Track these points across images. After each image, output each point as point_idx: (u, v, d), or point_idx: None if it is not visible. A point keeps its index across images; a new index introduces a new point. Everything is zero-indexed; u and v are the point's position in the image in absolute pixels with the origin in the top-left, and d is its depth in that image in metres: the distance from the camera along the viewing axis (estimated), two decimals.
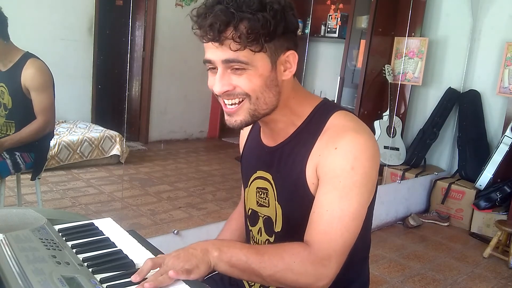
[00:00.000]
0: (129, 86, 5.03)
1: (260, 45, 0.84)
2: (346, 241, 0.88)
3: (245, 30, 0.82)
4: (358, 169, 0.87)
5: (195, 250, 0.81)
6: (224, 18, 0.81)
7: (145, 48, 5.00)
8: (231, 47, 0.83)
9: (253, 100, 0.89)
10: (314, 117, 0.97)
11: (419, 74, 3.96)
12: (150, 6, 4.92)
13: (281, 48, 0.89)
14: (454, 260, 2.92)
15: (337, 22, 4.51)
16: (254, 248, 0.86)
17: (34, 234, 0.86)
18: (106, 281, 0.78)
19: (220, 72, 0.87)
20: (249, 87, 0.88)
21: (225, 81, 0.87)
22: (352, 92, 4.33)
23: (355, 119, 0.95)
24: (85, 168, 3.85)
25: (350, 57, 4.34)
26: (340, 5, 4.64)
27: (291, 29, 0.89)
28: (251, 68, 0.86)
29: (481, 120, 3.72)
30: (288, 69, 0.92)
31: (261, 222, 1.07)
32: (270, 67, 0.88)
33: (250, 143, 1.12)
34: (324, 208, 0.88)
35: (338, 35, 4.49)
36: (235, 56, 0.84)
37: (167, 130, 5.37)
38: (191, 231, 2.36)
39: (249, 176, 1.09)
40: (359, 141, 0.89)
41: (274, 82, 0.90)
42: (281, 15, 0.84)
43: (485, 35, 3.74)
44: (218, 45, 0.84)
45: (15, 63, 2.12)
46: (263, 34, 0.83)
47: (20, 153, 2.19)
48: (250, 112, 0.91)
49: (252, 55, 0.84)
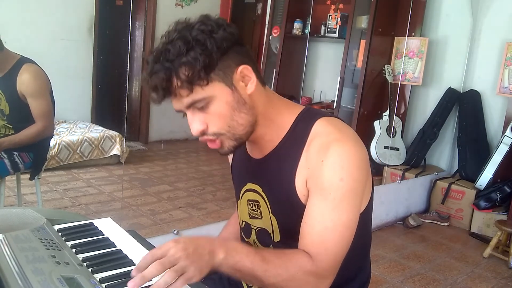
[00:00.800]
0: (129, 86, 5.03)
1: (205, 79, 0.84)
2: (342, 249, 0.89)
3: (184, 75, 0.83)
4: (346, 179, 0.87)
5: (204, 250, 0.78)
6: (163, 75, 0.83)
7: (145, 48, 5.00)
8: (182, 94, 0.85)
9: (226, 132, 0.90)
10: (297, 126, 0.95)
11: (419, 74, 3.96)
12: (150, 6, 4.92)
13: (230, 68, 0.87)
14: (454, 260, 2.92)
15: (337, 22, 4.51)
16: (260, 255, 0.85)
17: (34, 234, 0.86)
18: (105, 281, 0.78)
19: (189, 117, 0.90)
20: (218, 121, 0.88)
21: (197, 122, 0.89)
22: (352, 92, 4.33)
23: (339, 125, 0.94)
24: (85, 168, 3.85)
25: (350, 57, 4.33)
26: (340, 5, 4.64)
27: (229, 45, 0.86)
28: (212, 100, 0.86)
29: (481, 120, 3.72)
30: (248, 82, 0.90)
31: (253, 234, 1.07)
32: (229, 91, 0.88)
33: (238, 155, 1.12)
34: (316, 219, 0.88)
35: (338, 35, 4.48)
36: (191, 100, 0.86)
37: (167, 130, 5.37)
38: (191, 231, 2.37)
39: (240, 189, 1.10)
40: (343, 149, 0.88)
41: (241, 101, 0.89)
42: (210, 41, 0.83)
43: (485, 35, 3.74)
44: (172, 97, 0.87)
45: (10, 69, 2.10)
46: (201, 68, 0.82)
47: (18, 153, 2.18)
48: (231, 138, 0.91)
49: (204, 90, 0.85)
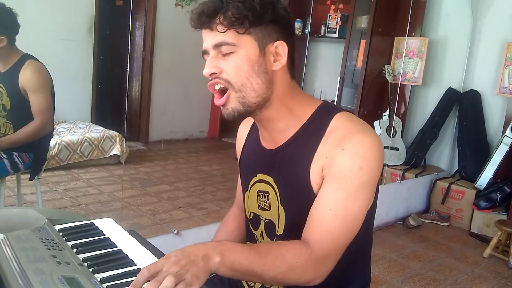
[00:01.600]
0: (129, 86, 5.03)
1: (244, 26, 0.88)
2: (347, 240, 0.89)
3: (231, 14, 0.87)
4: (365, 170, 0.88)
5: (196, 257, 0.77)
6: (213, 5, 0.88)
7: (145, 48, 5.00)
8: (218, 29, 0.88)
9: (237, 87, 0.91)
10: (315, 119, 0.96)
11: (419, 74, 3.96)
12: (150, 6, 4.92)
13: (269, 36, 0.92)
14: (454, 260, 2.92)
15: (337, 22, 4.51)
16: (256, 250, 0.84)
17: (35, 234, 0.86)
18: (106, 281, 0.78)
19: (210, 56, 0.92)
20: (233, 71, 0.90)
21: (213, 63, 0.91)
22: (352, 92, 4.33)
23: (358, 120, 0.96)
24: (85, 168, 3.85)
25: (350, 57, 4.33)
26: (340, 5, 4.64)
27: (281, 21, 0.92)
28: (238, 50, 0.89)
29: (481, 120, 3.72)
30: (278, 60, 0.93)
31: (262, 225, 1.06)
32: (258, 52, 0.91)
33: (249, 146, 1.12)
34: (328, 206, 0.88)
35: (338, 35, 4.49)
36: (223, 39, 0.89)
37: (167, 130, 5.37)
38: (191, 231, 2.36)
39: (249, 180, 1.08)
40: (366, 141, 0.90)
41: (263, 68, 0.91)
42: (269, 4, 0.89)
43: (485, 35, 3.74)
44: (208, 30, 0.90)
45: (13, 64, 2.12)
46: (247, 16, 0.87)
47: (18, 153, 2.18)
48: (240, 100, 0.92)
49: (238, 37, 0.89)
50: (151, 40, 4.93)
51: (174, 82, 5.24)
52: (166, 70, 5.12)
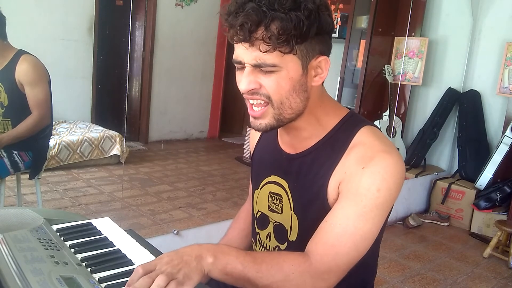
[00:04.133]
0: (129, 86, 5.03)
1: (290, 46, 0.80)
2: (352, 259, 0.85)
3: (276, 30, 0.78)
4: (383, 191, 0.85)
5: (189, 257, 0.76)
6: (256, 17, 0.78)
7: (145, 48, 5.00)
8: (261, 48, 0.80)
9: (276, 105, 0.86)
10: (340, 130, 0.93)
11: (419, 74, 3.96)
12: (150, 6, 4.92)
13: (313, 51, 0.85)
14: (454, 260, 2.92)
15: (337, 22, 4.51)
16: (251, 256, 0.81)
17: (32, 234, 0.86)
18: (104, 281, 0.78)
19: (248, 70, 0.85)
20: (274, 89, 0.85)
21: (252, 79, 0.85)
22: (352, 92, 4.33)
23: (382, 137, 0.92)
24: (85, 168, 3.85)
25: (350, 57, 4.33)
26: (340, 5, 4.64)
27: (325, 30, 0.85)
28: (281, 70, 0.83)
29: (481, 120, 3.72)
30: (319, 74, 0.89)
31: (271, 227, 1.04)
32: (301, 71, 0.85)
33: (264, 144, 1.09)
34: (338, 221, 0.85)
35: (338, 35, 4.48)
36: (263, 60, 0.81)
37: (167, 130, 5.37)
38: (191, 231, 2.36)
39: (261, 179, 1.06)
40: (388, 162, 0.86)
41: (304, 87, 0.87)
42: (315, 15, 0.80)
43: (485, 35, 3.74)
44: (248, 45, 0.82)
45: (9, 61, 2.13)
46: (294, 35, 0.79)
47: (17, 151, 2.18)
48: (275, 117, 0.88)
49: (282, 57, 0.82)
50: (151, 40, 4.93)
51: (174, 82, 5.24)
52: (166, 70, 5.12)
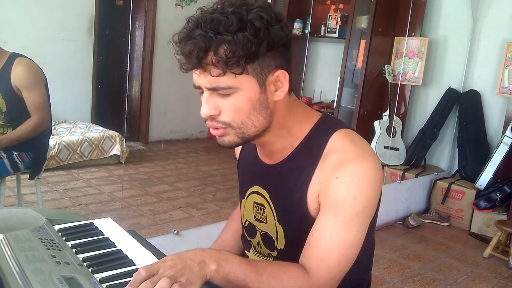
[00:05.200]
0: (129, 86, 5.03)
1: (241, 67, 0.80)
2: (344, 268, 0.87)
3: (224, 54, 0.78)
4: (360, 199, 0.86)
5: (192, 262, 0.76)
6: (203, 44, 0.78)
7: (145, 48, 5.01)
8: (212, 73, 0.80)
9: (237, 126, 0.86)
10: (312, 137, 0.93)
11: (419, 74, 3.96)
12: (150, 6, 4.92)
13: (269, 67, 0.84)
14: (454, 260, 2.92)
15: (337, 22, 4.51)
16: (253, 266, 0.82)
17: (34, 234, 0.86)
18: (105, 281, 0.78)
19: (206, 94, 0.85)
20: (232, 114, 0.85)
21: (211, 104, 0.85)
22: (352, 92, 4.33)
23: (356, 140, 0.91)
24: (85, 168, 3.85)
25: (350, 57, 4.33)
26: (340, 5, 4.64)
27: (278, 44, 0.83)
28: (237, 91, 0.83)
29: (481, 120, 3.72)
30: (279, 88, 0.87)
31: (258, 236, 1.06)
32: (258, 89, 0.84)
33: (246, 154, 1.10)
34: (323, 234, 0.86)
35: (338, 35, 4.49)
36: (217, 84, 0.82)
37: (167, 130, 5.37)
38: (191, 231, 2.36)
39: (245, 188, 1.07)
40: (360, 169, 0.86)
41: (264, 104, 0.86)
42: (264, 32, 0.79)
43: (485, 35, 3.74)
44: (199, 72, 0.83)
45: (3, 65, 2.10)
46: (243, 56, 0.79)
47: (17, 152, 2.18)
48: (238, 135, 0.88)
49: (235, 78, 0.81)
50: (151, 40, 4.93)
51: (174, 82, 5.24)
52: (166, 70, 5.12)
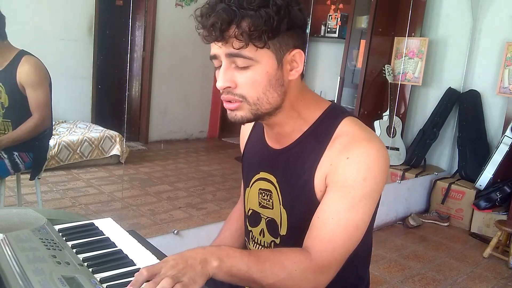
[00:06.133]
0: (129, 86, 5.03)
1: (263, 41, 0.83)
2: (348, 250, 0.88)
3: (247, 27, 0.81)
4: (369, 180, 0.87)
5: (194, 261, 0.76)
6: (226, 17, 0.80)
7: (145, 48, 5.00)
8: (234, 45, 0.83)
9: (252, 101, 0.88)
10: (322, 122, 0.95)
11: (419, 74, 3.96)
12: (150, 6, 4.92)
13: (287, 45, 0.87)
14: (454, 260, 2.92)
15: (337, 22, 4.51)
16: (255, 256, 0.83)
17: (34, 234, 0.86)
18: (106, 281, 0.78)
19: (224, 66, 0.86)
20: (250, 86, 0.86)
21: (228, 76, 0.86)
22: (352, 92, 4.33)
23: (364, 127, 0.94)
24: (85, 168, 3.85)
25: (350, 57, 4.34)
26: (340, 5, 4.64)
27: (297, 25, 0.87)
28: (256, 64, 0.85)
29: (481, 120, 3.72)
30: (294, 68, 0.90)
31: (263, 223, 1.05)
32: (276, 65, 0.87)
33: (253, 142, 1.11)
34: (330, 215, 0.87)
35: (338, 35, 4.49)
36: (239, 53, 0.83)
37: (167, 130, 5.37)
38: (191, 231, 2.36)
39: (251, 176, 1.07)
40: (371, 151, 0.88)
41: (280, 81, 0.88)
42: (285, 11, 0.83)
43: (485, 35, 3.74)
44: (221, 44, 0.84)
45: (10, 61, 2.12)
46: (265, 30, 0.81)
47: (18, 152, 2.18)
48: (252, 111, 0.89)
49: (256, 51, 0.84)
50: (151, 40, 4.93)
51: (174, 82, 5.24)
52: (166, 70, 5.12)
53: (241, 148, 1.16)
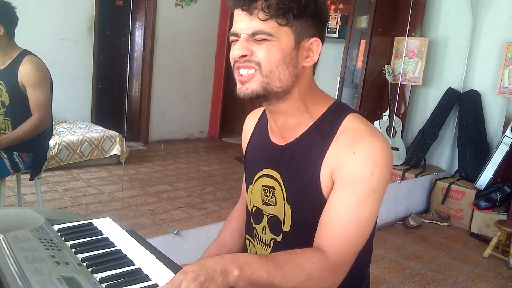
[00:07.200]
0: (129, 86, 5.03)
1: (287, 18, 0.86)
2: (360, 245, 0.88)
3: (275, 1, 0.84)
4: (376, 175, 0.88)
5: (215, 272, 0.74)
6: None
7: (145, 48, 5.01)
8: (259, 16, 0.86)
9: (265, 73, 0.89)
10: (327, 118, 0.96)
11: (419, 74, 3.96)
12: (150, 6, 4.92)
13: (307, 32, 0.90)
14: (454, 260, 2.92)
15: (337, 22, 4.51)
16: (273, 260, 0.81)
17: (33, 234, 0.86)
18: (105, 281, 0.78)
19: (242, 39, 0.89)
20: (265, 57, 0.88)
21: (244, 45, 0.88)
22: (352, 92, 4.33)
23: (368, 123, 0.96)
24: (85, 168, 3.85)
25: (350, 57, 4.33)
26: (340, 5, 4.64)
27: (320, 17, 0.91)
28: (274, 40, 0.87)
29: (481, 120, 3.72)
30: (310, 56, 0.93)
31: (265, 220, 1.05)
32: (293, 45, 0.89)
33: (256, 139, 1.11)
34: (341, 212, 0.87)
35: (338, 35, 4.49)
36: (261, 28, 0.86)
37: (167, 130, 5.37)
38: (191, 231, 2.36)
39: (254, 174, 1.08)
40: (377, 146, 0.89)
41: (293, 61, 0.90)
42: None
43: (485, 35, 3.74)
44: (247, 14, 0.87)
45: (12, 60, 2.14)
46: (292, 7, 0.85)
47: (18, 152, 2.18)
48: (263, 85, 0.90)
49: (278, 28, 0.87)
50: (151, 40, 4.93)
51: (174, 82, 5.24)
52: (166, 70, 5.12)
53: (243, 147, 1.16)
